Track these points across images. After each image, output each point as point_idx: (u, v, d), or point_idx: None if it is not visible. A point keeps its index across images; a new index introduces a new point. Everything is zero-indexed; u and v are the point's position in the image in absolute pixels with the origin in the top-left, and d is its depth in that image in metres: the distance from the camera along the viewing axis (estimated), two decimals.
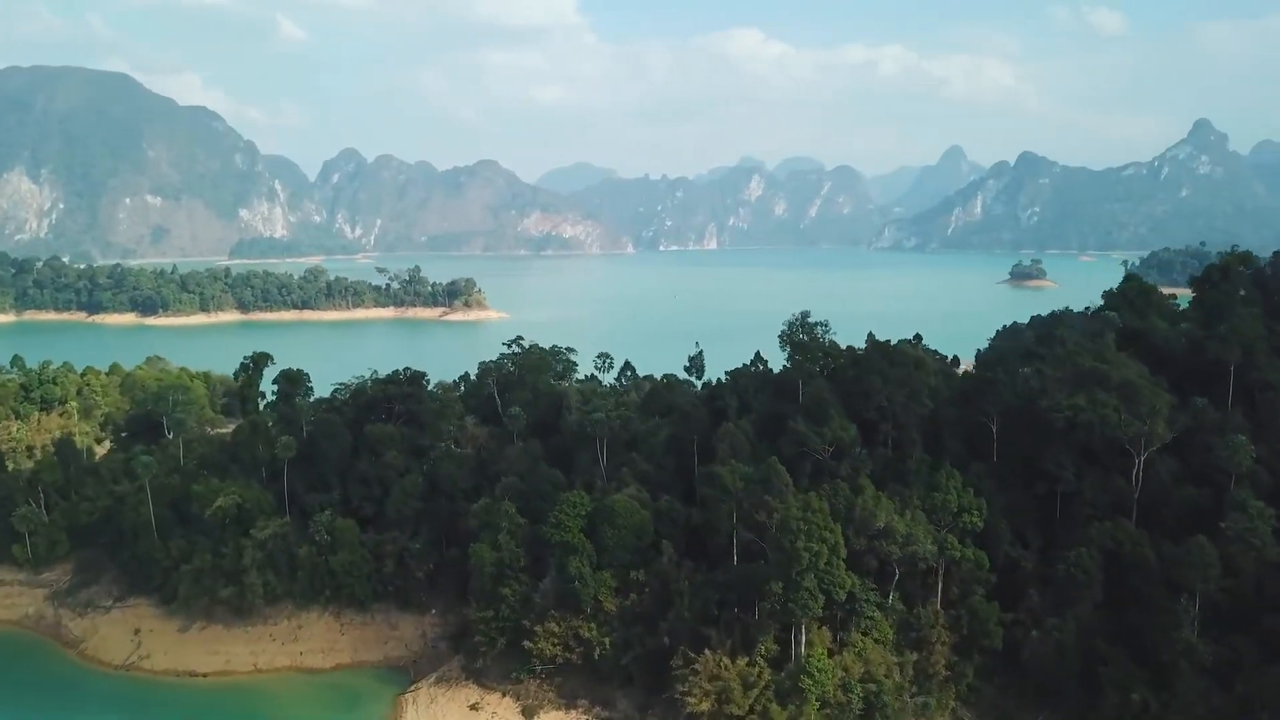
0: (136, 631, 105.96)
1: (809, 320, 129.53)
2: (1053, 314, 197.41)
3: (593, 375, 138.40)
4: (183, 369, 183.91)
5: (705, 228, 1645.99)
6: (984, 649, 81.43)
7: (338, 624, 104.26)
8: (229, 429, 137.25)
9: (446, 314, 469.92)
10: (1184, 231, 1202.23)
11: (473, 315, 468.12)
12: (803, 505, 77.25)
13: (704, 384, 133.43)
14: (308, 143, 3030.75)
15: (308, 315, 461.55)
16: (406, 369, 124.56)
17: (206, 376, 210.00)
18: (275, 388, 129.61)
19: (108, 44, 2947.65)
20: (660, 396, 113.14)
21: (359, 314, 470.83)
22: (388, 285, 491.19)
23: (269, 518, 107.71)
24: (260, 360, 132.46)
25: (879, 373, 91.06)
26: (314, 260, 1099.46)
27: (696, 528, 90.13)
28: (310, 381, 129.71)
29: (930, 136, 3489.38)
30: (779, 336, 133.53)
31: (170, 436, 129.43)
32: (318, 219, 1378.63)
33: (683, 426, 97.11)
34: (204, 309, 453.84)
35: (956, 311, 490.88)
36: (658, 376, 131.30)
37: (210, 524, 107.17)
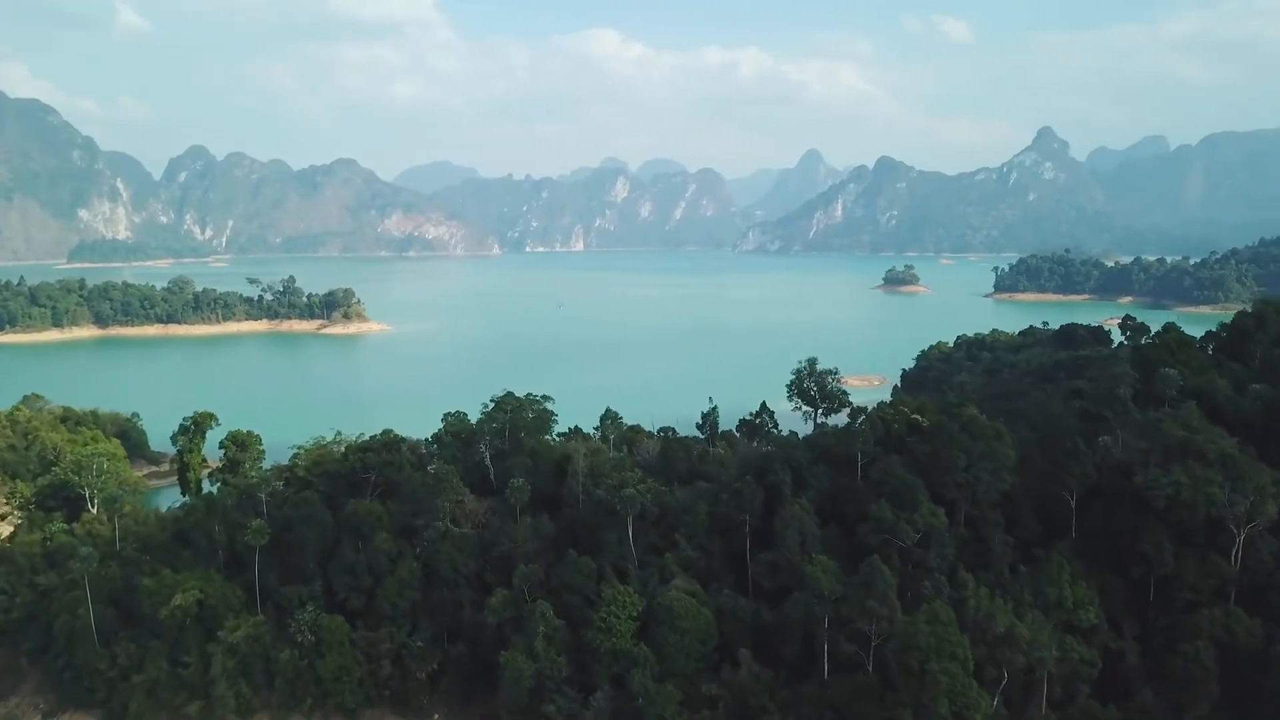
0: None
1: (817, 368, 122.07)
2: (1078, 358, 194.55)
3: (576, 428, 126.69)
4: (90, 428, 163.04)
5: (572, 229, 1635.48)
6: None
7: None
8: (154, 485, 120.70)
9: (325, 326, 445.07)
10: (1032, 235, 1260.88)
11: (353, 328, 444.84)
12: (929, 618, 68.44)
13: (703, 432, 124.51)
14: (152, 139, 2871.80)
15: (174, 330, 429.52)
16: (385, 431, 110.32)
17: (95, 416, 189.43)
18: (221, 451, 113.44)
19: None
20: (677, 460, 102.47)
21: (230, 328, 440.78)
22: (260, 297, 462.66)
23: (238, 616, 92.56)
24: (203, 421, 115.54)
25: (960, 446, 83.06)
26: (162, 264, 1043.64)
27: (765, 628, 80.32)
28: (261, 444, 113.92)
29: (788, 140, 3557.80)
30: (787, 387, 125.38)
31: (94, 511, 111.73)
32: (164, 220, 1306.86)
33: (731, 504, 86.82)
34: (57, 324, 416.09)
35: (843, 321, 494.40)
36: (618, 413, 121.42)
37: (165, 624, 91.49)
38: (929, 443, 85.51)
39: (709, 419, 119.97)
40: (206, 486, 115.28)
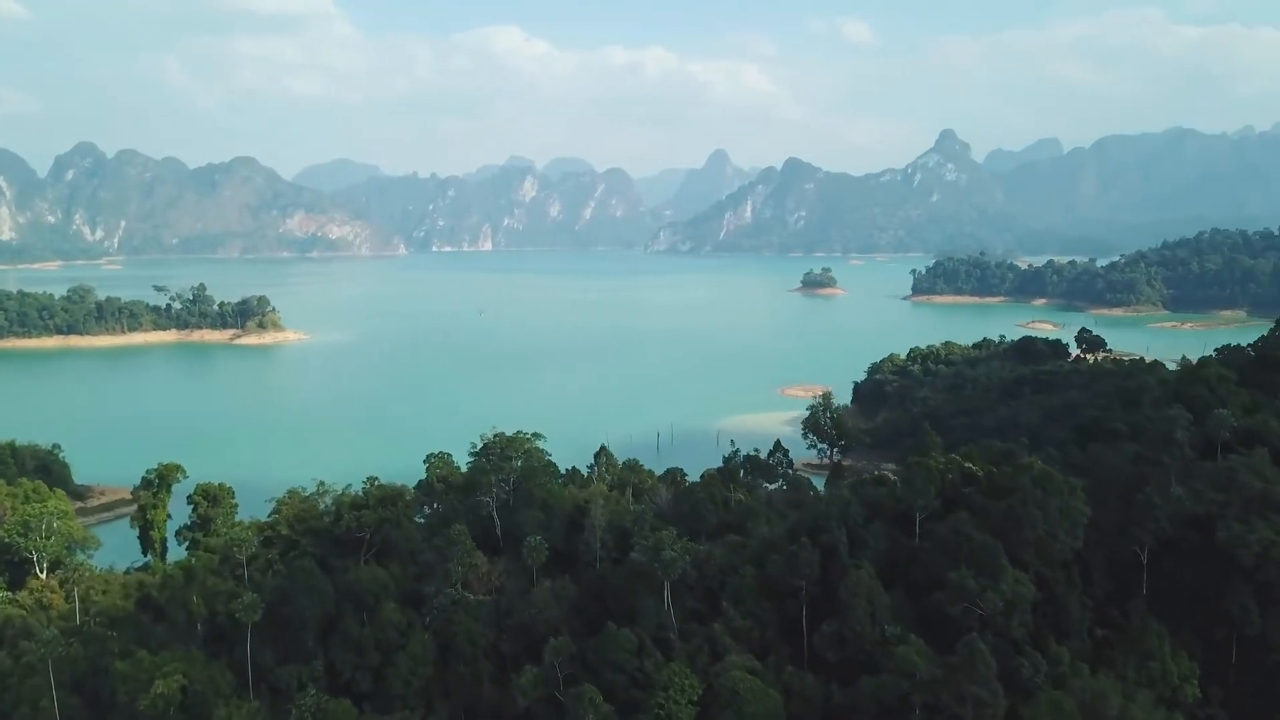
0: None
1: (833, 406, 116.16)
2: (1041, 373, 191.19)
3: (573, 469, 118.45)
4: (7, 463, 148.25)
5: (480, 228, 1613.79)
6: None
7: None
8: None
9: (238, 337, 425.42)
10: (936, 235, 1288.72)
11: (268, 338, 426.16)
12: (1050, 707, 62.59)
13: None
14: (35, 135, 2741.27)
15: (75, 341, 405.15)
16: (369, 478, 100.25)
17: (12, 449, 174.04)
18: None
19: None
20: (704, 511, 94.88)
21: (137, 338, 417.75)
22: (168, 305, 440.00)
23: (229, 703, 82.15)
24: (168, 475, 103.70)
25: (1035, 502, 77.51)
26: (50, 266, 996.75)
27: (837, 710, 73.57)
28: (234, 497, 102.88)
29: (695, 139, 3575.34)
30: (802, 424, 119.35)
31: (43, 576, 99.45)
32: (52, 220, 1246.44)
33: (784, 567, 79.77)
34: None
35: (769, 326, 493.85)
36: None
37: (144, 715, 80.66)
38: (1001, 498, 79.82)
39: (730, 464, 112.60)
40: (172, 546, 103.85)
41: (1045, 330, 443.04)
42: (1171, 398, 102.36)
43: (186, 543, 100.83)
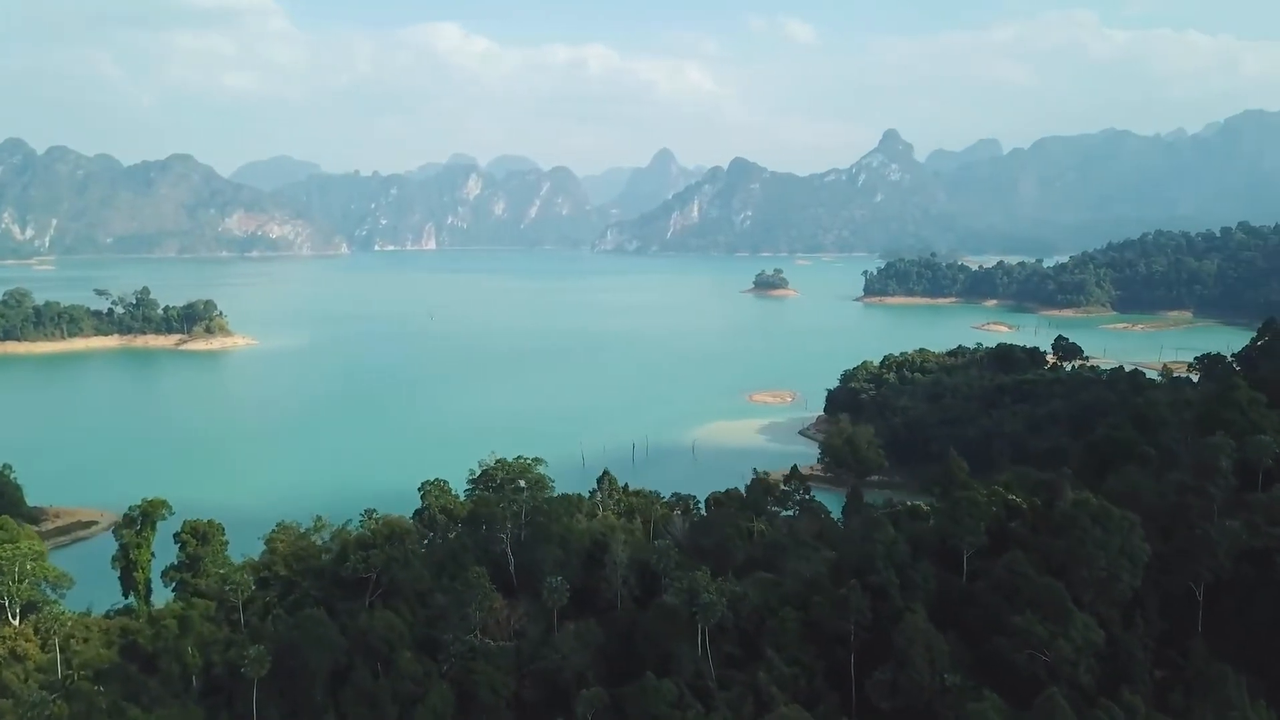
0: None
1: (849, 430, 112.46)
2: (1022, 382, 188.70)
3: (578, 495, 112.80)
4: None
5: (423, 227, 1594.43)
6: None
7: None
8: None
9: (184, 342, 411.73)
10: (880, 234, 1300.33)
11: (216, 343, 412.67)
12: None
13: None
14: None
15: (11, 348, 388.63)
16: (367, 510, 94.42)
17: None
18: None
19: None
20: (730, 545, 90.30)
21: (78, 344, 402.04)
22: (110, 310, 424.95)
23: None
24: (153, 511, 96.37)
25: (1097, 543, 74.15)
26: None
27: None
28: (224, 534, 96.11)
29: (640, 138, 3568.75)
30: (819, 455, 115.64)
31: (17, 623, 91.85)
32: None
33: (831, 610, 75.56)
34: None
35: (726, 328, 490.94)
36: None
37: None
38: (1057, 535, 76.42)
39: (752, 491, 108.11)
40: (158, 588, 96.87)
41: (1000, 332, 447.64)
42: (1200, 420, 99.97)
43: (174, 584, 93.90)
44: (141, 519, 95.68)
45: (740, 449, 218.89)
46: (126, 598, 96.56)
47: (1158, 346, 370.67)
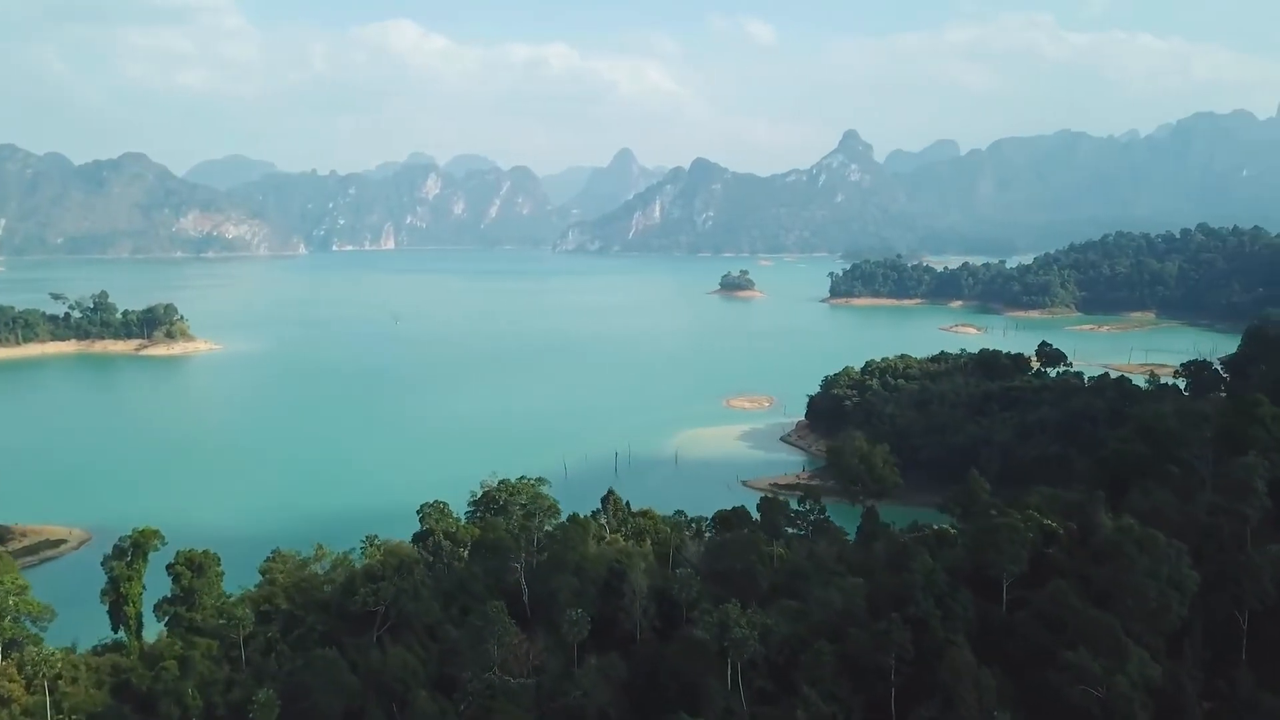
0: None
1: (866, 448, 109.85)
2: (1010, 389, 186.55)
3: (585, 517, 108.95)
4: None
5: (382, 227, 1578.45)
6: None
7: None
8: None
9: (145, 347, 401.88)
10: (842, 235, 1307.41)
11: (177, 348, 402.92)
12: None
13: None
14: None
15: None
16: (372, 539, 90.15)
17: None
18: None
19: None
20: (755, 572, 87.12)
21: (33, 350, 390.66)
22: (67, 314, 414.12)
23: None
24: (144, 542, 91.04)
25: (1147, 572, 71.86)
26: None
27: None
28: (220, 564, 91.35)
29: (600, 137, 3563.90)
30: (829, 466, 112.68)
31: (0, 662, 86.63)
32: None
33: (875, 645, 72.52)
34: None
35: (696, 331, 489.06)
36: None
37: None
38: (1099, 562, 74.12)
39: (765, 511, 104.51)
40: (149, 622, 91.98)
41: (969, 334, 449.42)
42: (1223, 437, 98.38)
43: (166, 618, 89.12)
44: (132, 550, 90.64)
45: (723, 457, 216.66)
46: (116, 632, 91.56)
47: (1126, 349, 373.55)
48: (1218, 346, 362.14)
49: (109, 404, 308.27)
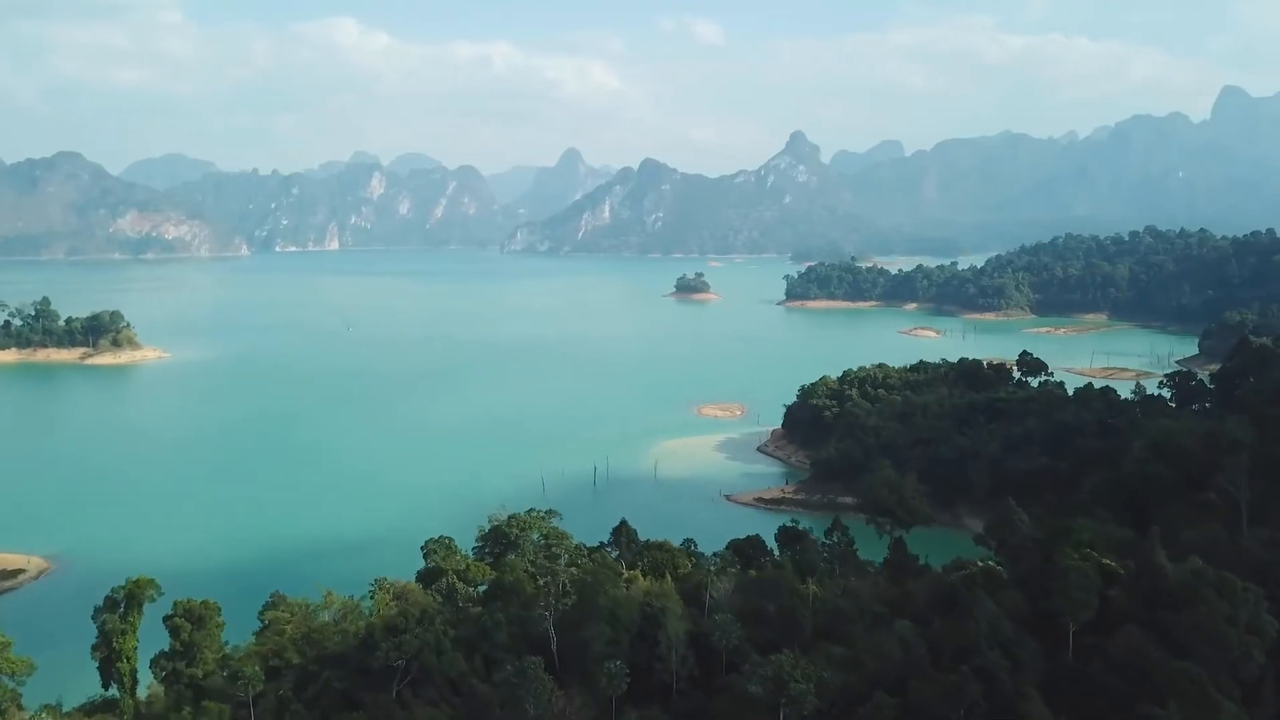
0: None
1: (893, 476, 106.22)
2: (995, 400, 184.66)
3: (594, 547, 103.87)
4: None
5: (326, 227, 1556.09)
6: None
7: None
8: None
9: (89, 356, 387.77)
10: (789, 235, 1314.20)
11: (124, 357, 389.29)
12: None
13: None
14: None
15: None
16: (376, 580, 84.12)
17: None
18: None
19: None
20: (799, 615, 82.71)
21: None
22: (7, 322, 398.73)
23: None
24: (139, 592, 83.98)
25: (1228, 619, 68.62)
26: None
27: None
28: (221, 615, 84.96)
29: (546, 137, 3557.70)
30: (862, 502, 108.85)
31: None
32: None
33: (944, 700, 68.45)
34: None
35: (657, 335, 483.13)
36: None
37: None
38: (1173, 608, 70.85)
39: (786, 544, 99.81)
40: (144, 679, 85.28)
41: (928, 337, 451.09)
42: (1252, 460, 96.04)
43: (164, 674, 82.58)
44: (126, 601, 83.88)
45: (702, 469, 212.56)
46: (106, 689, 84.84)
47: (1085, 351, 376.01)
48: (1175, 349, 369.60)
49: (57, 417, 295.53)
